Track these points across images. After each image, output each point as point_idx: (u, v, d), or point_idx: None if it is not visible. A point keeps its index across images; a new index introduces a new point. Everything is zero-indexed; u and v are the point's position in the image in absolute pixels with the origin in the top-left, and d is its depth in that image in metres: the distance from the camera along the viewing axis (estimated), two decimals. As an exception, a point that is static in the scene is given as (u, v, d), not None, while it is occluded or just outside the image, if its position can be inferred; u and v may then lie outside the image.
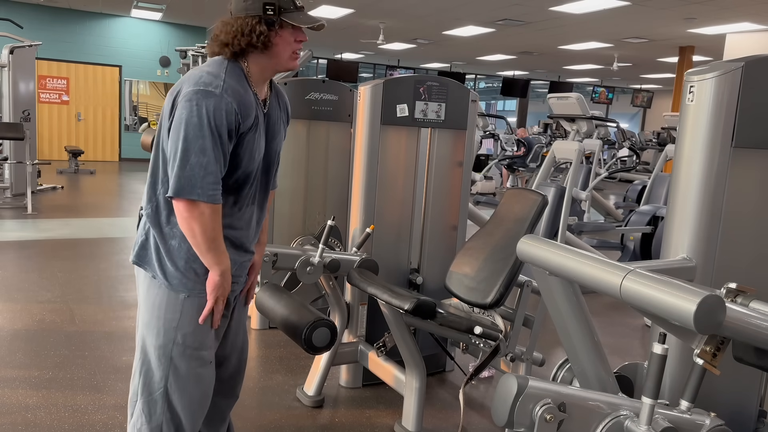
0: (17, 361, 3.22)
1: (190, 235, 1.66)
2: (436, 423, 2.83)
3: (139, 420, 1.79)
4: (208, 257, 1.69)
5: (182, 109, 1.62)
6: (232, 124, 1.64)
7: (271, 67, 1.77)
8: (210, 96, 1.61)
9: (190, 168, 1.60)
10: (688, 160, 1.87)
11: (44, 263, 5.13)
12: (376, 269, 2.77)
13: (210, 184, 1.62)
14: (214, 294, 1.73)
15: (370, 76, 19.46)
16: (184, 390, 1.77)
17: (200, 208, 1.63)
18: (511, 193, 2.86)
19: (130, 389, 1.84)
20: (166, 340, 1.74)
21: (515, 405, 1.34)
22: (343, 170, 4.01)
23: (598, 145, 7.06)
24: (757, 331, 1.42)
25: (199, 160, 1.60)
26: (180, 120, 1.61)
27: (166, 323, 1.74)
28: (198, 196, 1.61)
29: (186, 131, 1.60)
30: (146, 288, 1.77)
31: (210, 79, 1.64)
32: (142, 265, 1.76)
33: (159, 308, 1.74)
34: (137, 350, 1.82)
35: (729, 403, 1.97)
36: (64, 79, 13.29)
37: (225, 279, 1.72)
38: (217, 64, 1.71)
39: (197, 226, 1.64)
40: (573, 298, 1.75)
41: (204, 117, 1.60)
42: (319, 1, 10.74)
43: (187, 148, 1.60)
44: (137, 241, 1.78)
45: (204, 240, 1.66)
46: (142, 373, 1.79)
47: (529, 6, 9.99)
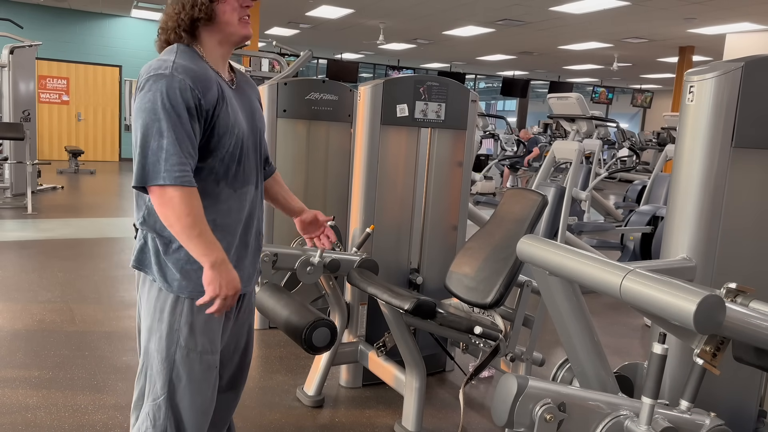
0: (17, 361, 3.22)
1: (168, 224, 1.58)
2: (436, 423, 2.83)
3: (144, 424, 1.76)
4: (192, 247, 1.59)
5: (138, 99, 1.58)
6: (190, 100, 1.57)
7: (224, 39, 1.69)
8: (160, 78, 1.56)
9: (151, 153, 1.54)
10: (688, 160, 1.88)
11: (44, 263, 5.13)
12: (376, 269, 2.77)
13: (174, 166, 1.53)
14: (211, 290, 1.61)
15: (370, 76, 19.46)
16: (188, 394, 1.73)
17: (168, 193, 1.54)
18: (511, 193, 2.86)
19: (134, 393, 1.82)
20: (168, 343, 1.70)
21: (515, 405, 1.34)
22: (343, 170, 4.01)
23: (598, 145, 7.07)
24: (757, 331, 1.42)
25: (158, 144, 1.54)
26: (137, 109, 1.57)
27: (168, 327, 1.70)
28: (163, 179, 1.53)
29: (142, 119, 1.56)
30: (147, 292, 1.74)
31: (159, 63, 1.60)
32: (142, 268, 1.72)
33: (161, 312, 1.70)
34: (141, 355, 1.79)
35: (729, 403, 1.97)
36: (64, 79, 13.29)
37: (221, 272, 1.60)
38: (168, 50, 1.66)
39: (170, 213, 1.56)
40: (573, 298, 1.75)
41: (157, 100, 1.54)
42: (319, 1, 10.74)
43: (146, 134, 1.54)
44: (136, 246, 1.75)
45: (181, 227, 1.56)
46: (146, 378, 1.76)
47: (529, 6, 9.99)
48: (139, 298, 1.79)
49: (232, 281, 1.63)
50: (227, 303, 1.64)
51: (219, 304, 1.63)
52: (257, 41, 10.74)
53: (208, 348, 1.74)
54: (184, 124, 1.56)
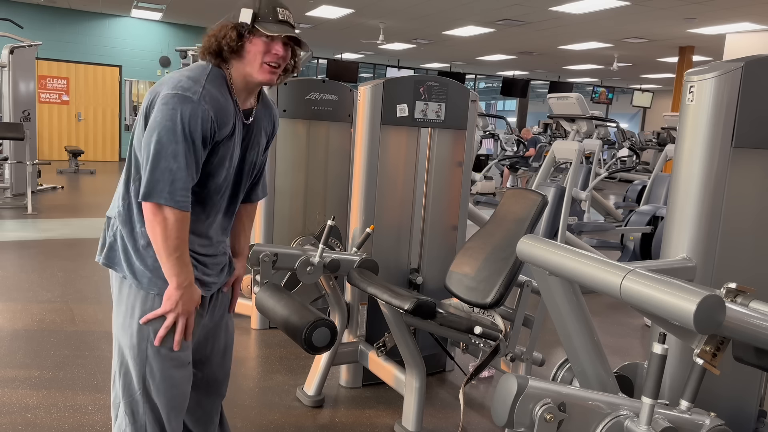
0: (17, 361, 3.22)
1: (153, 239, 1.63)
2: (436, 423, 2.83)
3: (124, 422, 1.76)
4: (168, 265, 1.64)
5: (158, 112, 1.60)
6: (207, 132, 1.62)
7: (246, 76, 1.71)
8: (187, 101, 1.59)
9: (160, 172, 1.58)
10: (688, 160, 1.88)
11: (44, 263, 5.13)
12: (376, 269, 2.77)
13: (178, 190, 1.59)
14: (168, 305, 1.66)
15: (370, 76, 19.47)
16: (162, 390, 1.74)
17: (164, 213, 1.60)
18: (511, 193, 2.86)
19: (111, 393, 1.82)
20: (140, 339, 1.71)
21: (515, 405, 1.34)
22: (343, 170, 4.01)
23: (598, 145, 7.07)
24: (757, 331, 1.42)
25: (169, 165, 1.58)
26: (155, 123, 1.59)
27: (141, 327, 1.71)
28: (165, 200, 1.59)
29: (159, 135, 1.58)
30: (118, 289, 1.76)
31: (189, 84, 1.62)
32: (112, 266, 1.74)
33: (132, 308, 1.72)
34: (114, 352, 1.79)
35: (729, 403, 1.97)
36: (64, 79, 13.29)
37: (184, 294, 1.67)
38: (200, 69, 1.68)
39: (159, 231, 1.61)
40: (573, 298, 1.75)
41: (179, 122, 1.58)
42: (319, 1, 10.74)
43: (159, 152, 1.58)
44: (105, 243, 1.75)
45: (165, 247, 1.62)
46: (122, 375, 1.77)
47: (529, 6, 9.99)
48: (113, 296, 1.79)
49: (189, 303, 1.69)
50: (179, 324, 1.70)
51: (170, 319, 1.68)
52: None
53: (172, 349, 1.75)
54: (197, 151, 1.61)
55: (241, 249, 2.03)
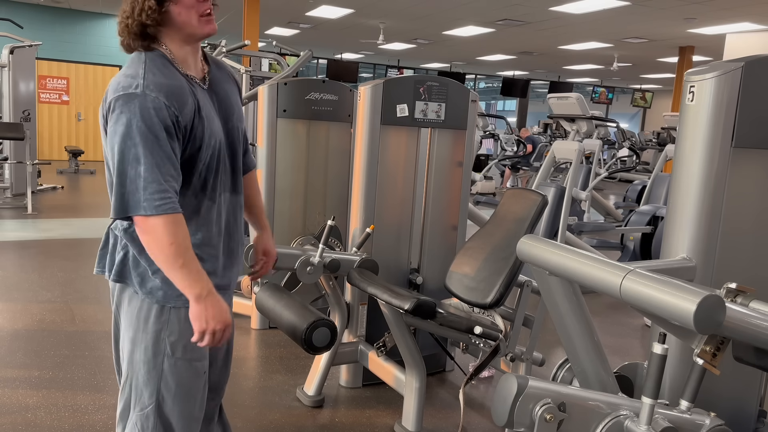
0: (17, 361, 3.22)
1: (151, 254, 1.51)
2: (436, 423, 2.83)
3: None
4: (177, 278, 1.50)
5: (111, 121, 1.48)
6: (167, 119, 1.48)
7: (186, 39, 1.58)
8: (131, 99, 1.46)
9: (129, 182, 1.45)
10: (688, 160, 1.88)
11: (44, 263, 5.13)
12: (376, 269, 2.77)
13: (153, 194, 1.45)
14: (197, 326, 1.53)
15: (370, 76, 19.46)
16: (178, 402, 1.66)
17: (150, 222, 1.46)
18: (511, 193, 2.86)
19: (118, 405, 1.73)
20: (155, 352, 1.62)
21: (515, 405, 1.34)
22: (343, 170, 4.01)
23: (598, 145, 7.06)
24: (757, 331, 1.42)
25: (135, 171, 1.45)
26: (111, 133, 1.48)
27: (155, 336, 1.62)
28: (144, 209, 1.44)
29: (118, 145, 1.46)
30: (128, 303, 1.65)
31: (128, 81, 1.49)
32: (123, 281, 1.63)
33: (145, 322, 1.62)
34: (124, 367, 1.70)
35: (729, 403, 1.97)
36: (64, 79, 13.29)
37: (207, 305, 1.52)
38: (135, 61, 1.55)
39: (152, 242, 1.48)
40: (573, 298, 1.75)
41: (132, 123, 1.45)
42: (319, 1, 10.74)
43: (122, 161, 1.46)
44: (112, 259, 1.64)
45: (164, 257, 1.48)
46: (132, 389, 1.68)
47: (529, 6, 9.99)
48: (116, 309, 1.70)
49: (219, 314, 1.54)
50: (216, 338, 1.56)
51: (208, 339, 1.55)
52: (257, 41, 10.73)
53: (197, 355, 1.68)
54: (163, 146, 1.47)
55: (262, 222, 1.94)
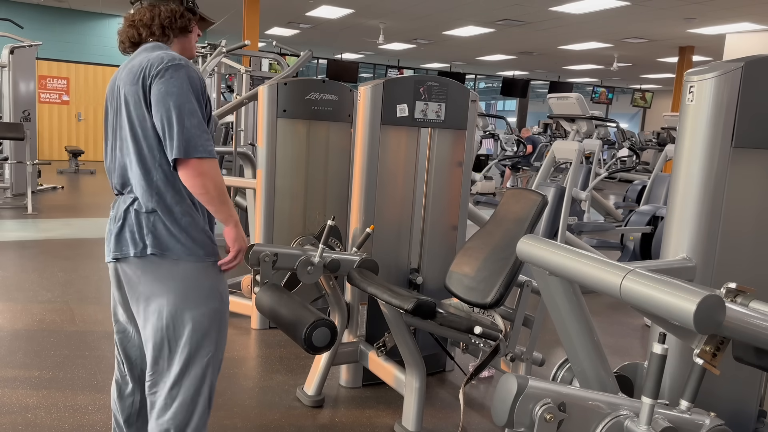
0: (17, 361, 3.22)
1: (203, 192, 1.77)
2: (436, 423, 2.83)
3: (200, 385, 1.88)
4: (223, 210, 1.82)
5: (161, 85, 1.75)
6: (201, 88, 1.81)
7: (183, 51, 1.95)
8: (180, 67, 1.77)
9: (187, 130, 1.73)
10: (688, 160, 1.87)
11: (44, 263, 5.13)
12: (376, 269, 2.77)
13: (207, 141, 1.76)
14: (237, 245, 1.87)
15: (370, 76, 19.46)
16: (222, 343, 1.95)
17: (205, 165, 1.75)
18: (511, 193, 2.86)
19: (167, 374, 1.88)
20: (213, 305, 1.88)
21: (515, 405, 1.34)
22: (343, 170, 4.01)
23: (598, 145, 7.07)
24: (757, 331, 1.42)
25: (192, 122, 1.74)
26: (163, 94, 1.75)
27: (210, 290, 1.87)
28: (201, 153, 1.74)
29: (173, 101, 1.74)
30: (169, 273, 1.83)
31: (171, 55, 1.80)
32: (164, 253, 1.81)
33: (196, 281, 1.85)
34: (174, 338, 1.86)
35: (729, 403, 1.97)
36: (64, 79, 13.30)
37: (239, 230, 1.87)
38: (161, 47, 1.88)
39: (209, 182, 1.76)
40: (573, 298, 1.74)
41: (184, 84, 1.75)
42: (319, 1, 10.74)
43: (181, 113, 1.73)
44: (144, 236, 1.81)
45: (217, 193, 1.78)
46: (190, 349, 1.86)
47: (529, 6, 9.99)
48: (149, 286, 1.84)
49: (244, 237, 1.90)
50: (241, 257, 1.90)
51: (240, 257, 1.89)
52: (257, 41, 10.73)
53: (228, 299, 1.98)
54: (200, 107, 1.79)
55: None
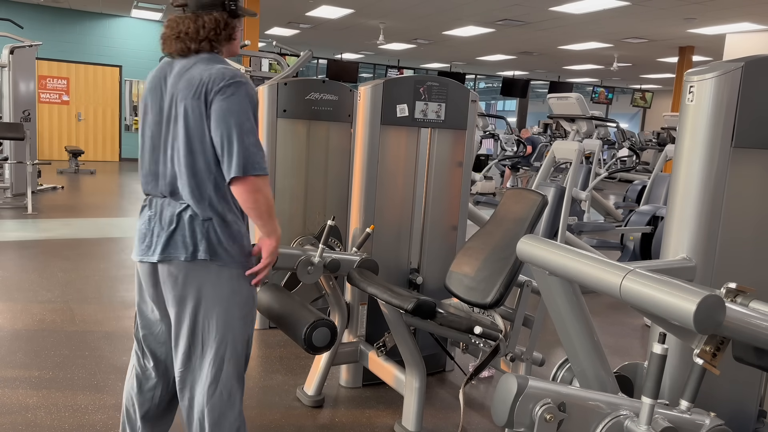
0: (17, 361, 3.22)
1: (254, 207, 1.87)
2: (436, 423, 2.83)
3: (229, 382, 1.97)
4: (270, 225, 1.93)
5: (222, 103, 1.82)
6: (256, 104, 1.89)
7: (229, 54, 2.01)
8: (242, 85, 1.84)
9: (245, 148, 1.81)
10: (688, 160, 1.87)
11: (44, 263, 5.13)
12: (376, 269, 2.77)
13: (262, 159, 1.85)
14: (270, 259, 1.97)
15: (370, 76, 19.46)
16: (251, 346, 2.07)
17: (259, 182, 1.84)
18: (511, 193, 2.86)
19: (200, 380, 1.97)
20: (249, 308, 2.00)
21: (515, 405, 1.34)
22: (343, 170, 4.01)
23: (598, 145, 7.06)
24: (757, 331, 1.42)
25: (251, 140, 1.83)
26: (224, 111, 1.82)
27: (248, 295, 1.98)
28: (257, 170, 1.82)
29: (235, 119, 1.82)
30: (213, 277, 1.92)
31: (232, 71, 1.86)
32: (212, 259, 1.90)
33: (238, 286, 1.95)
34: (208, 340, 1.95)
35: (729, 403, 1.97)
36: (64, 79, 13.29)
37: (278, 245, 1.99)
38: (218, 59, 1.93)
39: (261, 198, 1.86)
40: (573, 298, 1.74)
41: (245, 103, 1.83)
42: (319, 1, 10.74)
43: (241, 132, 1.81)
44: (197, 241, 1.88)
45: (267, 209, 1.89)
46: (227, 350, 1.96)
47: (529, 6, 9.99)
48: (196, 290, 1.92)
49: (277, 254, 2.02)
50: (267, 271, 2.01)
51: (267, 270, 1.99)
52: (257, 41, 10.73)
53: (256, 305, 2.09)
54: (256, 123, 1.88)
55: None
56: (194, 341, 1.97)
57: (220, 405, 1.98)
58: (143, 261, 1.96)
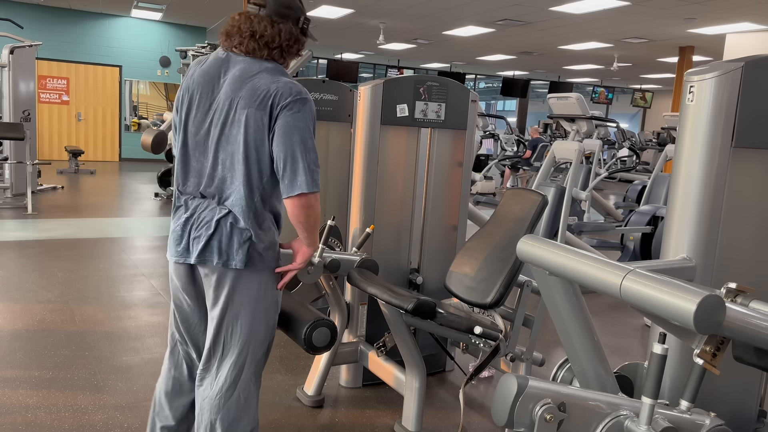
0: (17, 361, 3.22)
1: (305, 221, 1.93)
2: (436, 423, 2.83)
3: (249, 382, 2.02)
4: (312, 236, 1.99)
5: (288, 119, 1.84)
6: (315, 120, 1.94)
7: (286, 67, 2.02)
8: (306, 102, 1.88)
9: (308, 166, 1.85)
10: (688, 160, 1.87)
11: (44, 263, 5.13)
12: (376, 269, 2.76)
13: (318, 177, 1.89)
14: (301, 264, 2.04)
15: (370, 76, 19.46)
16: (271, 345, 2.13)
17: (312, 199, 1.89)
18: (511, 193, 2.86)
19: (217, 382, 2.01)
20: (273, 311, 2.04)
21: (515, 405, 1.34)
22: (343, 170, 4.01)
23: (598, 145, 7.06)
24: (757, 331, 1.42)
25: (311, 158, 1.87)
26: (289, 128, 1.84)
27: (273, 299, 2.02)
28: (314, 188, 1.87)
29: (299, 136, 1.85)
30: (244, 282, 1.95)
31: (298, 87, 1.88)
32: (246, 265, 1.91)
33: (265, 292, 1.99)
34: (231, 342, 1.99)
35: (729, 403, 1.97)
36: (64, 79, 13.29)
37: (312, 253, 2.05)
38: (282, 71, 1.94)
39: (311, 213, 1.91)
40: (573, 298, 1.74)
41: (308, 120, 1.87)
42: (320, 1, 10.74)
43: (305, 150, 1.85)
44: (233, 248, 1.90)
45: (314, 224, 1.95)
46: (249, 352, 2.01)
47: (529, 6, 9.99)
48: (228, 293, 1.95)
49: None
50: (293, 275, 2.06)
51: (296, 271, 2.05)
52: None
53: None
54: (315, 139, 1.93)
55: None
56: (216, 343, 2.00)
57: (236, 408, 2.00)
58: (179, 263, 1.98)
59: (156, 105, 14.11)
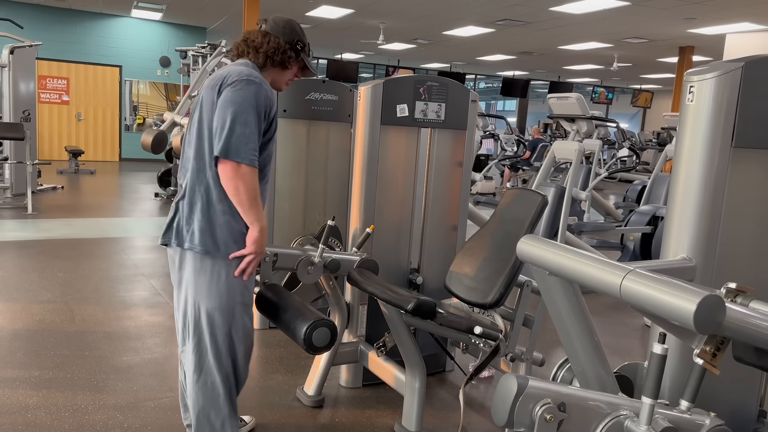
0: (17, 361, 3.22)
1: (234, 193, 1.97)
2: (436, 423, 2.83)
3: (210, 377, 2.08)
4: (250, 214, 2.00)
5: (228, 93, 1.98)
6: (267, 107, 2.03)
7: (273, 82, 2.20)
8: (252, 83, 2.00)
9: (236, 137, 1.94)
10: (688, 160, 1.87)
11: (44, 263, 5.13)
12: (376, 269, 2.77)
13: (251, 150, 1.96)
14: (253, 248, 2.03)
15: (370, 76, 19.46)
16: (241, 340, 2.11)
17: (242, 170, 1.95)
18: (511, 193, 2.86)
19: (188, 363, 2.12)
20: (229, 299, 2.06)
21: (515, 405, 1.34)
22: (343, 170, 4.01)
23: (598, 145, 7.06)
24: (757, 331, 1.42)
25: (243, 131, 1.95)
26: (227, 101, 1.97)
27: (229, 287, 2.05)
28: (241, 159, 1.94)
29: (233, 109, 1.96)
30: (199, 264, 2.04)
31: (250, 71, 2.05)
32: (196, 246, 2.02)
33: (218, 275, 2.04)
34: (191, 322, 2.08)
35: (729, 403, 1.97)
36: (64, 79, 13.29)
37: (262, 236, 2.04)
38: (250, 66, 2.12)
39: (241, 185, 1.96)
40: (573, 298, 1.74)
41: (249, 98, 1.97)
42: (319, 1, 10.74)
43: (235, 121, 1.95)
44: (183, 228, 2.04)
45: (247, 197, 1.97)
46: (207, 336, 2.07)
47: (529, 6, 9.99)
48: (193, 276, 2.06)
49: (264, 245, 2.08)
50: (254, 264, 2.06)
51: (254, 263, 2.05)
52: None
53: (250, 301, 2.14)
54: (260, 122, 2.02)
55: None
56: (184, 325, 2.13)
57: (203, 393, 2.11)
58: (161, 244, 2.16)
59: (156, 105, 14.10)
